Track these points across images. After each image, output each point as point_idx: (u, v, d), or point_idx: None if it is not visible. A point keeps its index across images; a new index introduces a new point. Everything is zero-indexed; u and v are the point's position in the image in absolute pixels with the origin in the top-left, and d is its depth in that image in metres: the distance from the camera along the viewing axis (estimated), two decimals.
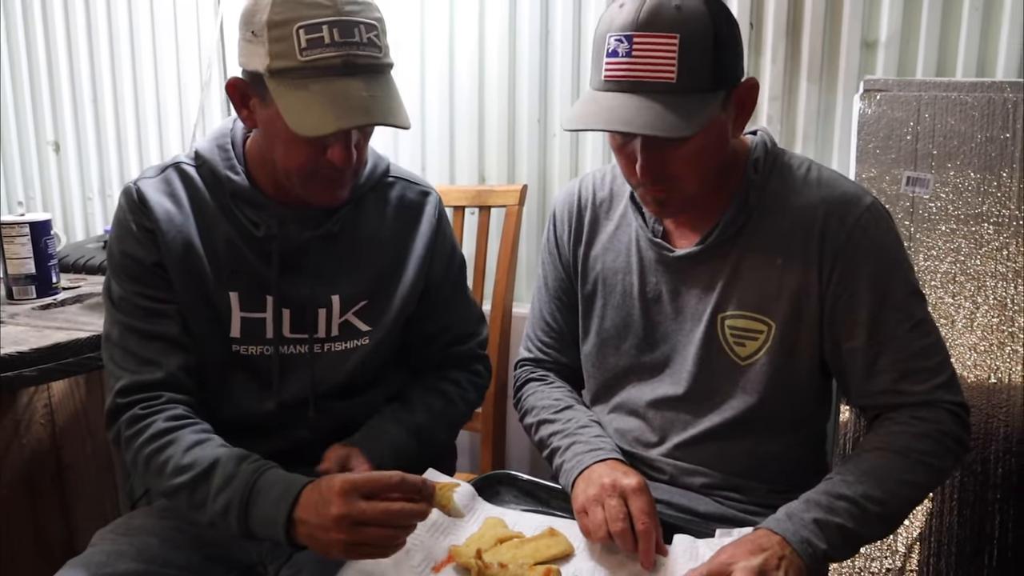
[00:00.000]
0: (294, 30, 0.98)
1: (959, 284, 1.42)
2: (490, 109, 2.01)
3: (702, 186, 1.06)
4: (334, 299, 1.18)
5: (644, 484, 1.02)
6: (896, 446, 1.01)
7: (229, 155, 1.16)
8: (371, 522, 0.90)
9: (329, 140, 1.04)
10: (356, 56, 1.01)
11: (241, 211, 1.15)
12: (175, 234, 1.13)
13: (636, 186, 1.08)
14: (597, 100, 0.99)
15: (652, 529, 0.98)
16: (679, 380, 1.14)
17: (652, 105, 0.96)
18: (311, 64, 0.99)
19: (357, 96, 1.00)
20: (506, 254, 1.70)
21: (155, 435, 1.06)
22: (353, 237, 1.19)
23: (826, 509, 0.95)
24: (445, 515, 1.05)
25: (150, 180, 1.16)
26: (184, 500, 1.03)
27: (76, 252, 2.05)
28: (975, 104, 1.45)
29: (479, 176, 2.05)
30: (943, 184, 1.45)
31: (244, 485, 0.98)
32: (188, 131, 2.31)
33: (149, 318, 1.13)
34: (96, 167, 2.50)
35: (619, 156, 1.07)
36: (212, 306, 1.15)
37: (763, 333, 1.09)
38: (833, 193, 1.07)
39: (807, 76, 1.75)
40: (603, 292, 1.21)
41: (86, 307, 1.63)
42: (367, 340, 1.21)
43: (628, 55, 0.96)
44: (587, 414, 1.21)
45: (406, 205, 1.24)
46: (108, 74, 2.42)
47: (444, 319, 1.29)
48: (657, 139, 0.98)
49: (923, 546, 1.34)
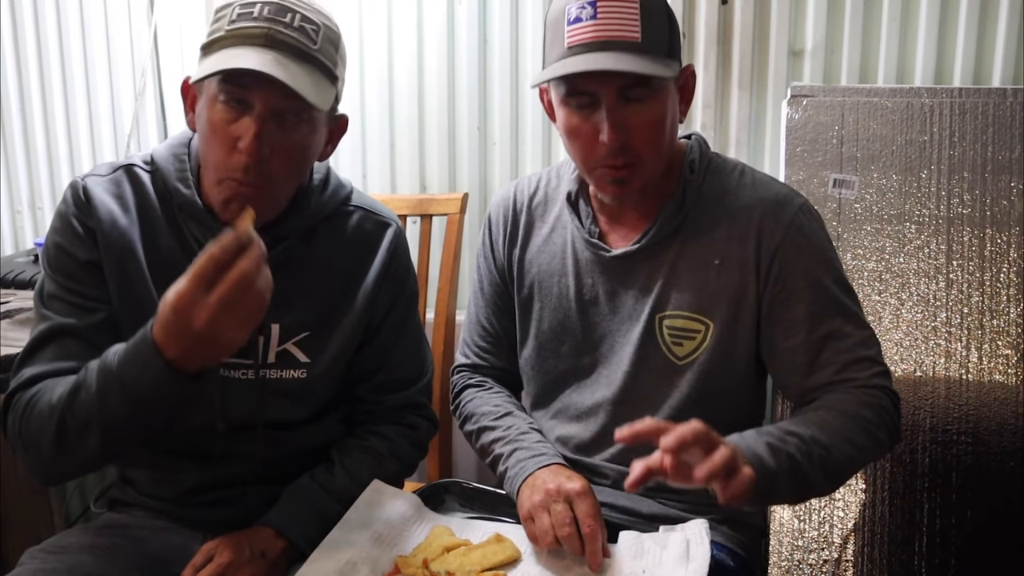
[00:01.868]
0: (232, 9, 1.00)
1: (885, 282, 1.47)
2: (430, 118, 2.01)
3: (658, 164, 1.09)
4: (274, 327, 1.13)
5: (588, 487, 1.04)
6: (842, 407, 1.02)
7: (183, 166, 1.12)
8: (232, 303, 0.85)
9: (243, 126, 0.99)
10: (279, 32, 1.00)
11: (187, 225, 1.11)
12: (117, 236, 1.09)
13: (596, 166, 1.08)
14: (565, 63, 1.02)
15: (598, 531, 1.00)
16: (614, 382, 1.15)
17: (622, 55, 0.99)
18: (233, 32, 0.99)
19: (268, 58, 0.98)
20: (448, 262, 1.70)
21: (37, 396, 1.00)
22: (301, 267, 1.15)
23: (777, 439, 0.95)
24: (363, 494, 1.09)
25: (99, 178, 1.12)
26: (70, 419, 0.96)
27: (5, 267, 1.98)
28: (895, 109, 1.51)
29: (420, 185, 2.05)
30: (867, 186, 1.51)
31: (106, 365, 0.94)
32: (122, 142, 2.25)
33: (65, 313, 1.07)
34: (25, 179, 2.43)
35: (578, 136, 1.07)
36: (147, 314, 1.12)
37: (700, 332, 1.11)
38: (767, 194, 1.11)
39: (738, 83, 1.79)
40: (539, 295, 1.21)
41: (15, 323, 1.58)
42: (304, 373, 1.16)
43: (593, 18, 1.00)
44: (527, 420, 1.22)
45: (362, 236, 1.19)
46: (37, 84, 2.35)
47: (380, 359, 1.22)
48: (625, 98, 1.01)
49: (857, 536, 1.39)
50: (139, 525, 1.19)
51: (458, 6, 1.93)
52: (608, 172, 1.07)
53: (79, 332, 1.06)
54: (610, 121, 1.03)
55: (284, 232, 1.13)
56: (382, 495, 1.14)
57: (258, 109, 1.00)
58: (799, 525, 1.39)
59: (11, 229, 2.47)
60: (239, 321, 0.88)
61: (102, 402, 0.94)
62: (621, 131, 1.03)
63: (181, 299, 0.86)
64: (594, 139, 1.05)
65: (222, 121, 1.01)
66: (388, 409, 1.23)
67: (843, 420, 1.01)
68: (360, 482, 1.14)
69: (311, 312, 1.15)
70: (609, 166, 1.06)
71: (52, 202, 2.40)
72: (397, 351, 1.22)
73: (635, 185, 1.08)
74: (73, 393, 0.96)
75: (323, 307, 1.16)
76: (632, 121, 1.04)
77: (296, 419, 1.18)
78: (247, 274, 0.86)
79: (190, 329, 0.86)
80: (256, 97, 0.99)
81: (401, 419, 1.23)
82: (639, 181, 1.08)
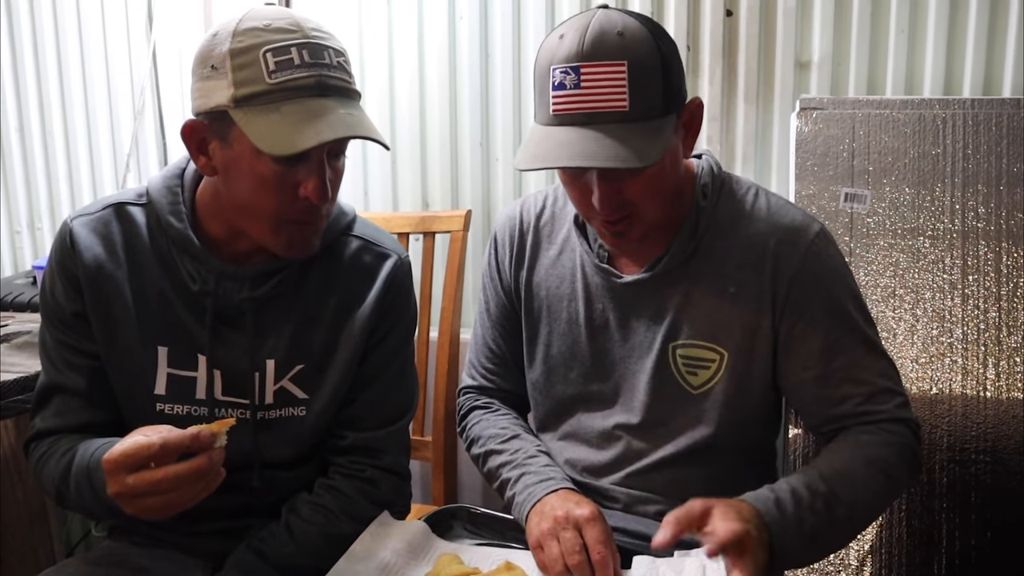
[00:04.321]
0: (260, 54, 0.95)
1: (899, 298, 1.45)
2: (432, 134, 2.00)
3: (660, 212, 1.05)
4: (269, 364, 1.10)
5: (598, 512, 1.01)
6: (866, 454, 1.01)
7: (177, 199, 1.10)
8: (143, 493, 0.87)
9: (301, 174, 0.99)
10: (328, 77, 0.97)
11: (180, 260, 1.09)
12: (103, 282, 1.08)
13: (592, 218, 1.06)
14: (551, 136, 0.97)
15: (609, 558, 0.97)
16: (632, 409, 1.13)
17: (608, 137, 0.94)
18: (282, 86, 0.95)
19: (335, 112, 0.96)
20: (452, 280, 1.68)
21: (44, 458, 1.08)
22: (294, 301, 1.12)
23: (808, 507, 0.94)
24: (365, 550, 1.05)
25: (86, 219, 1.11)
26: (66, 494, 1.04)
27: (4, 288, 1.97)
28: (907, 121, 1.49)
29: (423, 202, 2.03)
30: (880, 199, 1.48)
31: (83, 466, 1.00)
32: (121, 161, 2.24)
33: (62, 368, 1.10)
34: (24, 200, 2.41)
35: (572, 189, 1.05)
36: (135, 359, 1.09)
37: (715, 362, 1.09)
38: (783, 220, 1.08)
39: (744, 97, 1.78)
40: (548, 319, 1.19)
41: (14, 347, 1.56)
42: (304, 410, 1.13)
43: (576, 87, 0.94)
44: (534, 443, 1.19)
45: (360, 268, 1.15)
46: (35, 103, 2.34)
47: (355, 391, 1.15)
48: (616, 170, 0.96)
49: (875, 558, 1.35)
50: (139, 554, 1.16)
51: (459, 21, 1.92)
52: (606, 225, 1.04)
53: (76, 391, 1.10)
54: (601, 190, 0.99)
55: (280, 264, 1.11)
56: (389, 525, 1.12)
57: (317, 156, 0.99)
58: None
59: (10, 250, 2.46)
60: (147, 509, 0.89)
61: (80, 497, 1.00)
62: (614, 196, 1.00)
63: (112, 460, 0.88)
64: (587, 195, 1.02)
65: (275, 173, 0.98)
66: (350, 449, 1.15)
67: (869, 470, 1.00)
68: (305, 546, 1.08)
69: (304, 345, 1.12)
70: (605, 220, 1.03)
71: (51, 222, 2.39)
72: (374, 387, 1.16)
73: (634, 235, 1.05)
74: (64, 478, 1.02)
75: (317, 340, 1.12)
76: (626, 186, 1.00)
77: (293, 459, 1.15)
78: (174, 480, 0.87)
79: (111, 486, 0.89)
80: (315, 149, 0.97)
81: (360, 472, 1.14)
82: (638, 232, 1.05)
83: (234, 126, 0.96)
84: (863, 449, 1.01)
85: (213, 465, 0.89)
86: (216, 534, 1.14)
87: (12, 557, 1.60)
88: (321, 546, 1.08)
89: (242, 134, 0.95)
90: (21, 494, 1.62)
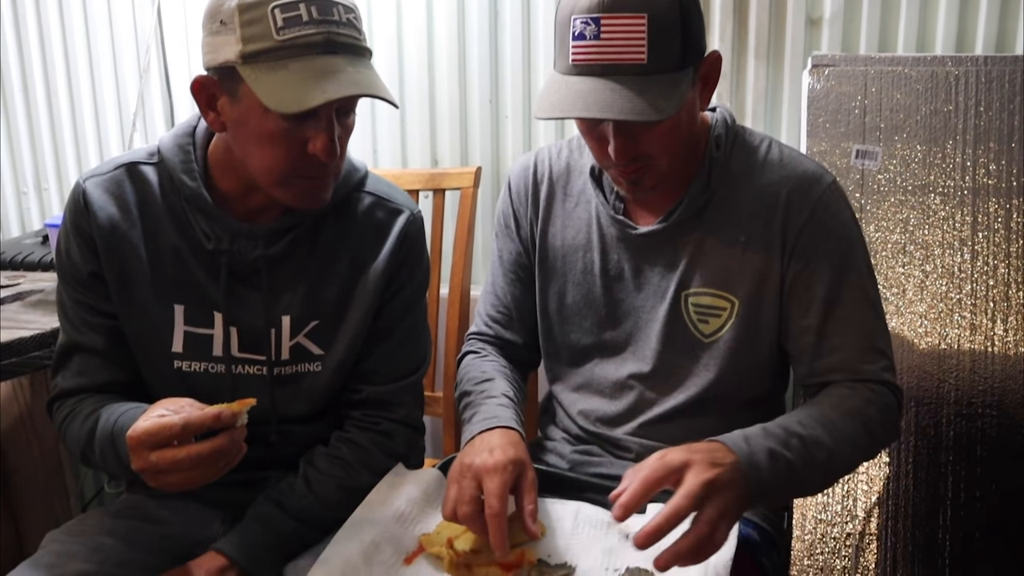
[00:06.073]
0: (268, 10, 0.94)
1: (908, 254, 1.46)
2: (441, 91, 1.98)
3: (675, 163, 1.06)
4: (284, 320, 1.12)
5: (504, 463, 0.96)
6: (847, 406, 1.01)
7: (189, 157, 1.10)
8: (166, 470, 0.89)
9: (310, 131, 0.99)
10: (337, 34, 0.96)
11: (194, 219, 1.09)
12: (117, 242, 1.09)
13: (608, 167, 1.07)
14: (569, 85, 0.97)
15: (501, 512, 0.93)
16: (644, 358, 1.14)
17: (625, 88, 0.94)
18: (290, 42, 0.94)
19: (343, 70, 0.96)
20: (462, 237, 1.69)
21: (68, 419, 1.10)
22: (308, 258, 1.13)
23: (782, 443, 0.93)
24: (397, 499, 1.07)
25: (99, 179, 1.11)
26: (90, 456, 1.06)
27: (13, 249, 1.97)
28: (919, 78, 1.48)
29: (432, 159, 2.03)
30: (891, 156, 1.48)
31: (107, 431, 1.01)
32: (127, 119, 2.23)
33: (81, 327, 1.11)
34: (30, 159, 2.41)
35: (589, 138, 1.06)
36: (152, 318, 1.11)
37: (726, 310, 1.10)
38: (795, 172, 1.09)
39: (755, 53, 1.76)
40: (563, 268, 1.20)
41: (27, 305, 1.57)
42: (319, 365, 1.14)
43: (596, 37, 0.94)
44: (506, 386, 1.16)
45: (373, 225, 1.16)
46: (39, 62, 2.32)
47: (369, 345, 1.17)
48: (632, 122, 0.96)
49: (881, 509, 1.38)
50: (158, 506, 1.18)
51: None
52: (621, 173, 1.05)
53: (95, 350, 1.11)
54: (617, 141, 1.00)
55: (293, 221, 1.11)
56: (403, 475, 1.14)
57: (326, 113, 0.99)
58: (823, 499, 1.39)
59: (17, 210, 2.46)
60: (170, 484, 0.91)
61: (105, 462, 1.02)
62: (630, 147, 1.00)
63: (136, 438, 0.90)
64: (604, 145, 1.02)
65: (283, 130, 0.98)
66: (365, 402, 1.18)
67: (849, 421, 1.00)
68: (324, 497, 1.10)
69: (319, 301, 1.13)
70: (621, 169, 1.04)
71: (58, 182, 2.38)
72: (389, 341, 1.18)
73: (648, 184, 1.06)
74: (88, 442, 1.04)
75: (331, 296, 1.13)
76: (642, 137, 1.01)
77: (309, 413, 1.17)
78: (195, 459, 0.89)
79: (135, 463, 0.91)
80: (323, 106, 0.97)
81: (375, 425, 1.17)
82: (652, 180, 1.06)
83: (242, 82, 0.96)
84: (845, 402, 1.02)
85: (234, 444, 0.91)
86: (234, 485, 1.15)
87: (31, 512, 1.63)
88: (339, 498, 1.10)
89: (250, 90, 0.95)
90: (38, 451, 1.65)
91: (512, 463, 0.97)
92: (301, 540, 1.09)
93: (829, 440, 0.96)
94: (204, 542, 1.09)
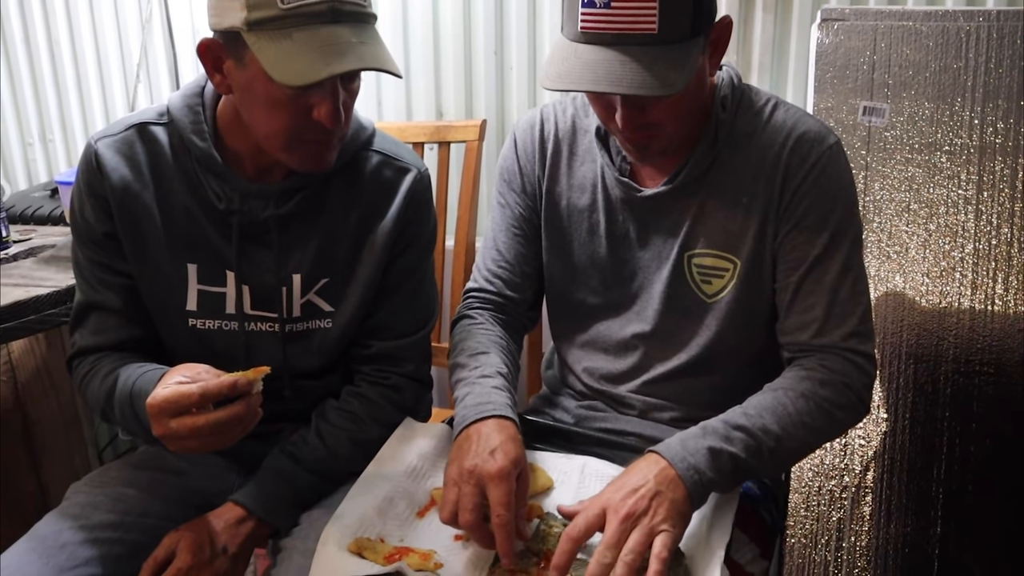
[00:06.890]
0: None
1: (913, 212, 1.46)
2: (445, 43, 1.97)
3: (682, 130, 1.06)
4: (295, 278, 1.14)
5: (508, 468, 0.94)
6: (800, 389, 1.01)
7: (198, 118, 1.10)
8: (185, 437, 0.93)
9: (315, 98, 0.99)
10: (341, 3, 0.96)
11: (205, 179, 1.11)
12: (130, 203, 1.10)
13: (615, 133, 1.07)
14: (577, 54, 0.96)
15: (509, 521, 0.90)
16: (646, 318, 1.16)
17: (636, 60, 0.93)
18: (294, 11, 0.94)
19: (347, 42, 0.95)
20: (467, 190, 1.69)
21: (88, 378, 1.13)
22: (318, 217, 1.14)
23: (722, 438, 0.94)
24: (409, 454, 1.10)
25: (110, 139, 1.12)
26: (109, 414, 1.10)
27: (22, 202, 1.98)
28: (929, 33, 1.46)
29: (436, 111, 2.02)
30: (898, 113, 1.48)
31: (127, 392, 1.04)
32: (131, 71, 2.22)
33: (98, 286, 1.13)
34: (34, 112, 2.40)
35: (596, 105, 1.05)
36: (166, 277, 1.13)
37: (729, 271, 1.11)
38: (798, 130, 1.08)
39: (762, 6, 1.74)
40: (569, 228, 1.20)
41: (40, 261, 1.58)
42: (330, 322, 1.17)
43: (606, 5, 0.92)
44: (500, 362, 1.14)
45: (381, 183, 1.16)
46: (40, 14, 2.30)
47: (378, 301, 1.19)
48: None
49: (877, 463, 1.41)
50: (176, 457, 1.22)
51: None
52: (628, 140, 1.05)
53: (112, 308, 1.14)
54: (623, 112, 0.99)
55: (303, 181, 1.12)
56: (413, 429, 1.17)
57: (331, 82, 0.99)
58: (820, 453, 1.42)
59: (23, 163, 2.46)
60: (190, 449, 0.95)
61: (125, 421, 1.06)
62: (637, 116, 1.00)
63: (155, 406, 0.93)
64: (611, 113, 1.02)
65: (288, 97, 0.99)
66: (375, 357, 1.20)
67: (800, 403, 1.00)
68: (336, 450, 1.14)
69: (329, 259, 1.15)
70: (628, 135, 1.03)
71: (63, 134, 2.38)
72: (397, 297, 1.20)
73: (655, 150, 1.06)
74: (108, 401, 1.08)
75: (340, 254, 1.15)
76: (650, 107, 0.99)
77: (320, 368, 1.20)
78: (213, 426, 0.92)
79: (156, 429, 0.94)
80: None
81: (384, 380, 1.19)
82: (659, 146, 1.05)
83: (248, 48, 0.96)
84: (798, 384, 1.02)
85: (250, 410, 0.94)
86: (249, 438, 1.17)
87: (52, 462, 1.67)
88: (350, 451, 1.14)
89: (256, 58, 0.95)
90: (56, 403, 1.68)
91: (514, 465, 0.95)
92: (315, 491, 1.13)
93: (777, 427, 0.97)
94: (221, 493, 1.14)
